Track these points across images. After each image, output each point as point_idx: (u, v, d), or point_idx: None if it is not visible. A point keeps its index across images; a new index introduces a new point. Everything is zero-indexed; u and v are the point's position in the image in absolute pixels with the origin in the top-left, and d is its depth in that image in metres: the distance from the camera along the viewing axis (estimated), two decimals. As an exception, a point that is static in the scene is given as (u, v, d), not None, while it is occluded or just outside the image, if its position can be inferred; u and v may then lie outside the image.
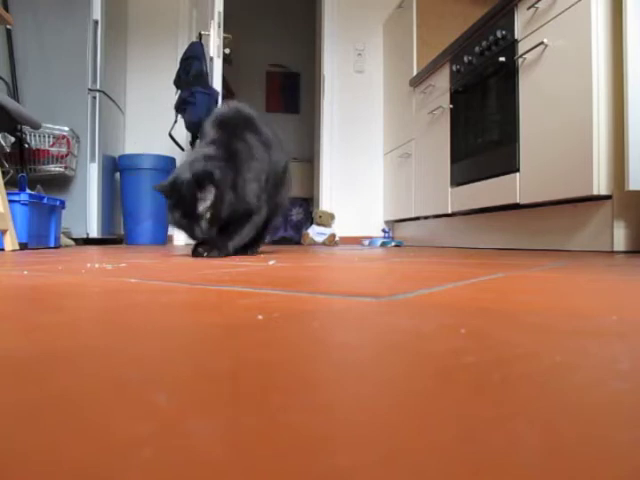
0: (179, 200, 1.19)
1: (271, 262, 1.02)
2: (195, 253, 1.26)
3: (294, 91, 5.51)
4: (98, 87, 2.90)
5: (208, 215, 1.19)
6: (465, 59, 2.45)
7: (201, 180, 1.17)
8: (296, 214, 4.87)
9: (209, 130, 1.34)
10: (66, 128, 2.70)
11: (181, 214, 1.20)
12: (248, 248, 1.41)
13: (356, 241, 3.62)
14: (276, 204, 1.45)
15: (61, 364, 0.22)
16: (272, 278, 0.65)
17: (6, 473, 0.11)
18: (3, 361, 0.22)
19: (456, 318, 0.34)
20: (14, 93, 2.73)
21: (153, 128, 3.50)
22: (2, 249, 1.77)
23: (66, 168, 2.71)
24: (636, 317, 0.36)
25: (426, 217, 3.02)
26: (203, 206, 1.19)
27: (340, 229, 3.58)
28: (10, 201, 1.87)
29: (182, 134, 3.07)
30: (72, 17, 2.84)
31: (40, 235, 2.13)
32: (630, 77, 1.53)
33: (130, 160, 3.14)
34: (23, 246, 1.92)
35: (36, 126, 2.18)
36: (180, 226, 1.22)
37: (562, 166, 1.76)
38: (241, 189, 1.25)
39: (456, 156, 2.57)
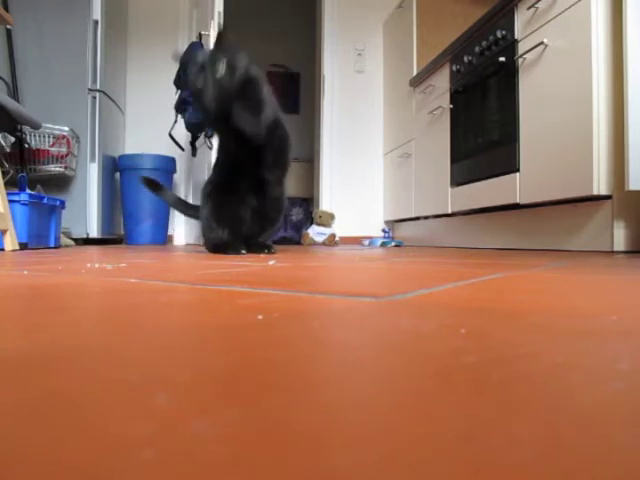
0: (198, 66, 1.31)
1: (271, 262, 1.02)
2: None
3: (294, 91, 5.50)
4: (98, 87, 2.90)
5: (222, 80, 1.30)
6: (465, 59, 2.45)
7: (219, 51, 1.31)
8: (296, 214, 4.87)
9: None
10: (66, 128, 2.70)
11: (204, 79, 1.31)
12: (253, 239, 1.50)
13: (356, 241, 3.62)
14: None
15: (61, 364, 0.22)
16: (272, 278, 0.65)
17: (6, 473, 0.11)
18: (3, 361, 0.22)
19: (456, 318, 0.34)
20: (14, 93, 2.73)
21: (153, 128, 3.51)
22: (2, 249, 1.77)
23: (66, 168, 2.71)
24: (636, 317, 0.36)
25: (426, 217, 3.02)
26: (221, 70, 1.30)
27: (340, 229, 3.58)
28: (10, 201, 1.87)
29: (182, 134, 3.07)
30: (72, 17, 2.84)
31: (40, 235, 2.13)
32: (630, 77, 1.53)
33: (130, 160, 3.14)
34: (23, 246, 1.92)
35: (36, 126, 2.18)
36: (197, 92, 1.33)
37: (562, 166, 1.76)
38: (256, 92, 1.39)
39: (456, 156, 2.57)
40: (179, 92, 2.87)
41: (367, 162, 3.76)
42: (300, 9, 5.24)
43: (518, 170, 2.02)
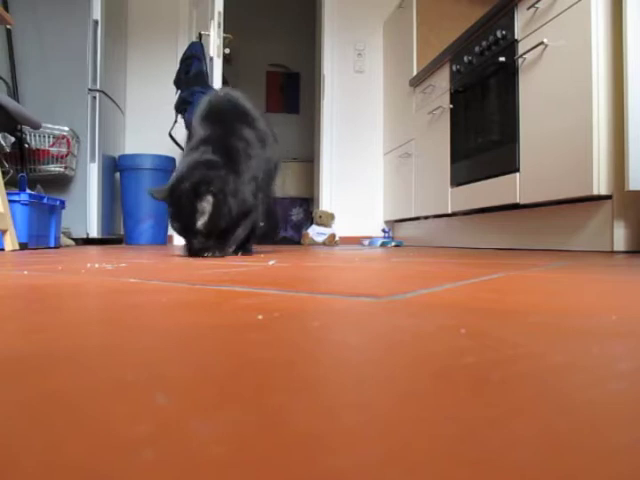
0: (178, 211, 1.20)
1: (271, 262, 1.02)
2: (194, 253, 1.25)
3: (294, 91, 5.50)
4: (98, 87, 2.90)
5: (206, 228, 1.19)
6: (465, 59, 2.45)
7: (200, 192, 1.16)
8: (296, 214, 4.87)
9: (202, 125, 1.30)
10: (66, 128, 2.70)
11: (181, 227, 1.21)
12: (239, 248, 1.40)
13: (356, 241, 3.62)
14: (267, 200, 1.46)
15: (61, 364, 0.22)
16: (272, 278, 0.65)
17: (6, 473, 0.11)
18: (3, 361, 0.22)
19: (456, 318, 0.34)
20: (14, 93, 2.73)
21: (153, 128, 3.50)
22: (2, 249, 1.77)
23: (66, 168, 2.71)
24: (636, 317, 0.36)
25: (426, 217, 3.02)
26: (202, 220, 1.18)
27: (340, 229, 3.58)
28: (10, 201, 1.87)
29: (182, 134, 3.07)
30: (72, 17, 2.84)
31: (40, 235, 2.13)
32: (630, 77, 1.53)
33: (130, 160, 3.14)
34: (23, 246, 1.92)
35: (36, 126, 2.18)
36: (180, 235, 1.23)
37: (562, 166, 1.76)
38: (241, 193, 1.25)
39: (456, 156, 2.57)
40: (179, 92, 2.87)
41: (367, 162, 3.76)
42: (300, 9, 5.24)
43: (518, 170, 2.01)
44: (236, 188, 1.23)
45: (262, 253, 1.47)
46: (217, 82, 2.92)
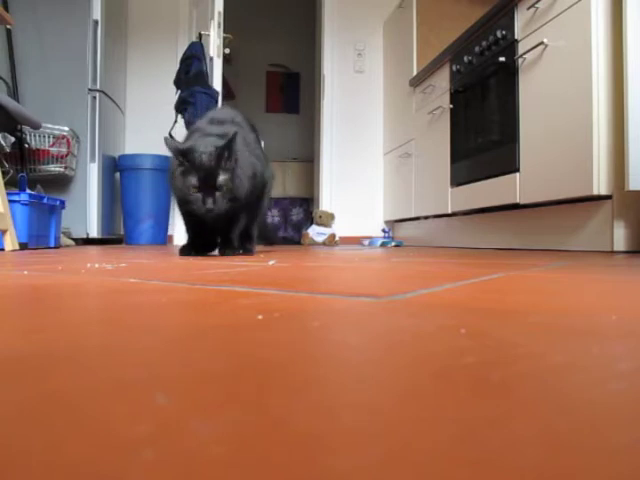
0: (199, 166, 1.18)
1: (271, 262, 1.01)
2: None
3: (294, 91, 5.50)
4: (98, 87, 2.90)
5: (225, 188, 1.19)
6: (465, 59, 2.45)
7: (230, 151, 1.19)
8: (296, 214, 4.87)
9: (206, 126, 1.34)
10: (66, 128, 2.70)
11: (197, 181, 1.17)
12: (240, 247, 1.40)
13: (356, 241, 3.61)
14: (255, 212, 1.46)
15: (60, 364, 0.22)
16: (272, 278, 0.65)
17: (6, 473, 0.11)
18: (3, 361, 0.22)
19: (456, 318, 0.34)
20: (14, 93, 2.73)
21: (153, 128, 3.50)
22: (2, 249, 1.77)
23: (66, 168, 2.71)
24: (636, 317, 0.36)
25: (426, 217, 3.02)
26: (224, 177, 1.19)
27: (340, 229, 3.58)
28: (10, 201, 1.87)
29: (182, 134, 3.06)
30: (72, 17, 2.84)
31: (40, 235, 2.13)
32: (630, 77, 1.53)
33: (130, 160, 3.14)
34: (23, 246, 1.92)
35: (36, 126, 2.18)
36: (188, 193, 1.19)
37: (562, 166, 1.76)
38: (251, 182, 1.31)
39: (456, 156, 2.57)
40: (179, 92, 2.87)
41: (367, 162, 3.76)
42: (300, 9, 5.24)
43: (518, 170, 2.01)
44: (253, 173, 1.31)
45: (262, 253, 1.47)
46: (217, 82, 2.92)
